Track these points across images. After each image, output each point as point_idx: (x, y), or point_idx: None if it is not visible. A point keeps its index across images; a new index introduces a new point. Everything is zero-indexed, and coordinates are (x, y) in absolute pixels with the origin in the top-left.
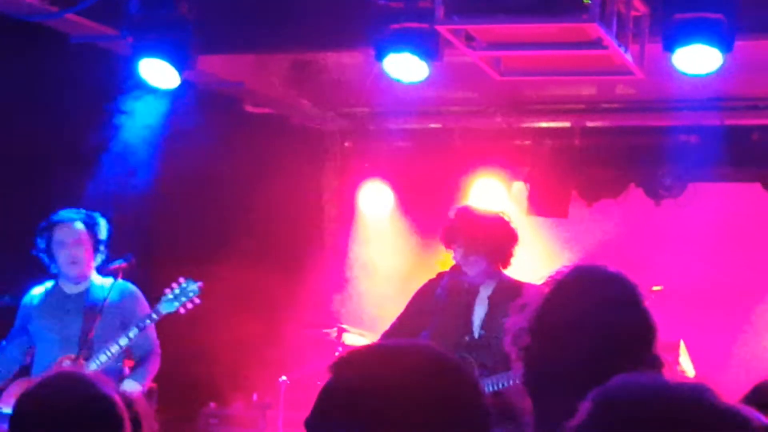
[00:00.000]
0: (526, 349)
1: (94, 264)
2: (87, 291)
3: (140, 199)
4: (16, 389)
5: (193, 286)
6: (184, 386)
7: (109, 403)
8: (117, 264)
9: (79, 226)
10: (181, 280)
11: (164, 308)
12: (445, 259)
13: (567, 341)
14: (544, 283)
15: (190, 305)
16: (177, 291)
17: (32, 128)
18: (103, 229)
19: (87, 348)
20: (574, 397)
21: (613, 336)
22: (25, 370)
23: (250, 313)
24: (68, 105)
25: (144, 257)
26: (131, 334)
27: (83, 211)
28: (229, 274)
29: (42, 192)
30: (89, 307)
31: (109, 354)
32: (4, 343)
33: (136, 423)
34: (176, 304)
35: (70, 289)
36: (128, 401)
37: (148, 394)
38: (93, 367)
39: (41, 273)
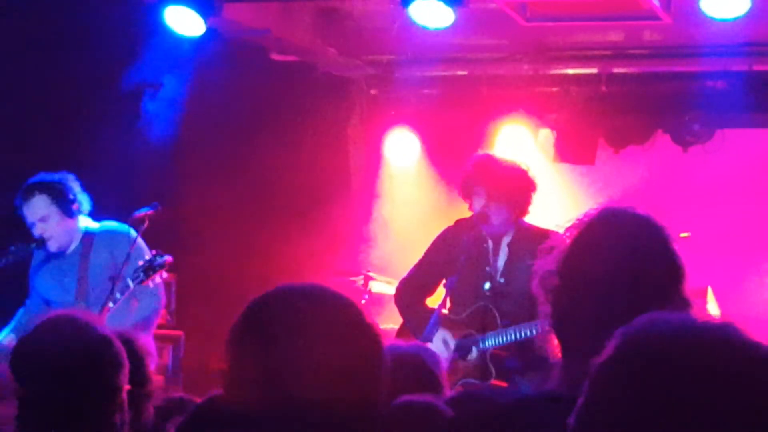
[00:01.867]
0: (553, 292)
1: (75, 222)
2: (78, 250)
3: (165, 148)
4: None
5: (161, 260)
6: (212, 337)
7: (106, 344)
8: (143, 212)
9: (39, 199)
10: (152, 252)
11: (132, 282)
12: None
13: (595, 283)
14: (571, 226)
15: (158, 278)
16: (145, 264)
17: (55, 76)
18: (69, 185)
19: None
20: (602, 339)
21: (641, 277)
22: None
23: (275, 262)
24: (93, 53)
25: (169, 206)
26: (110, 304)
27: (43, 177)
28: (256, 224)
29: (68, 137)
30: (81, 268)
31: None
32: (27, 302)
33: (137, 362)
34: (142, 276)
35: (55, 248)
36: (127, 341)
37: (175, 341)
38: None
39: None
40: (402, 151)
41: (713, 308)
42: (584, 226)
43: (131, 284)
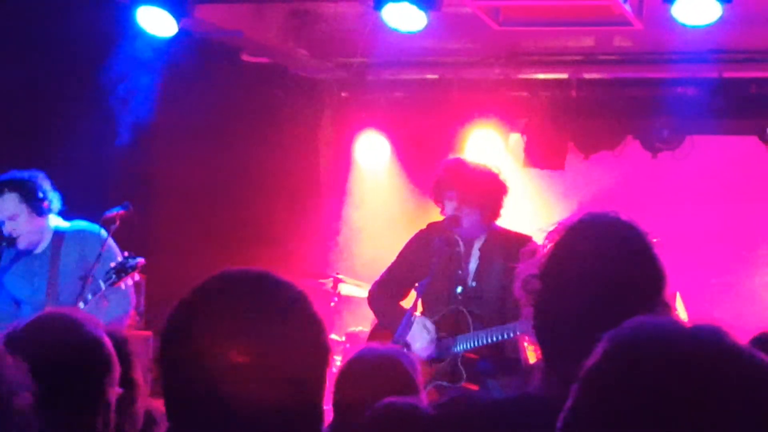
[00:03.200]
0: (535, 295)
1: (45, 221)
2: (48, 249)
3: (136, 148)
4: None
5: (133, 262)
6: None
7: (97, 344)
8: (114, 212)
9: (9, 198)
10: (125, 253)
11: (103, 283)
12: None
13: (578, 287)
14: (554, 230)
15: (130, 281)
16: (118, 266)
17: (29, 75)
18: (39, 183)
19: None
20: (585, 342)
21: (623, 282)
22: None
23: (245, 264)
24: (65, 53)
25: (140, 205)
26: (81, 304)
27: (13, 175)
28: (224, 223)
29: (39, 136)
30: (52, 267)
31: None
32: None
33: (127, 363)
34: (114, 278)
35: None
36: (119, 341)
37: (144, 342)
38: None
39: None
40: (372, 153)
41: (682, 313)
42: (567, 231)
43: (102, 285)
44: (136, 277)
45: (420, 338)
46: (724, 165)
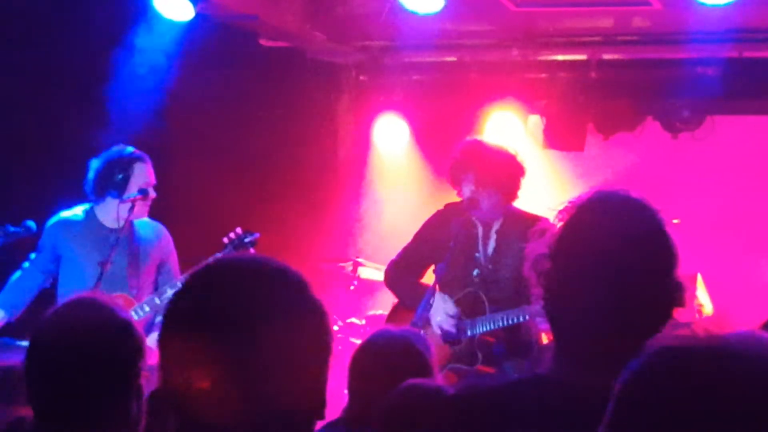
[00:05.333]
0: (545, 275)
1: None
2: (128, 227)
3: (152, 133)
4: None
5: (251, 238)
6: None
7: (130, 328)
8: (132, 197)
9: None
10: (239, 230)
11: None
12: None
13: (588, 266)
14: (564, 209)
15: None
16: (236, 241)
17: (45, 61)
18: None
19: (137, 290)
20: (594, 322)
21: (634, 261)
22: (46, 295)
23: (264, 249)
24: (81, 38)
25: (158, 191)
26: (157, 300)
27: None
28: (244, 210)
29: (55, 122)
30: (135, 245)
31: (157, 302)
32: (26, 265)
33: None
34: (233, 252)
35: (108, 221)
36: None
37: None
38: (136, 318)
39: (61, 200)
40: (391, 137)
41: (702, 295)
42: (576, 210)
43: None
44: (252, 252)
45: (440, 312)
46: (744, 145)
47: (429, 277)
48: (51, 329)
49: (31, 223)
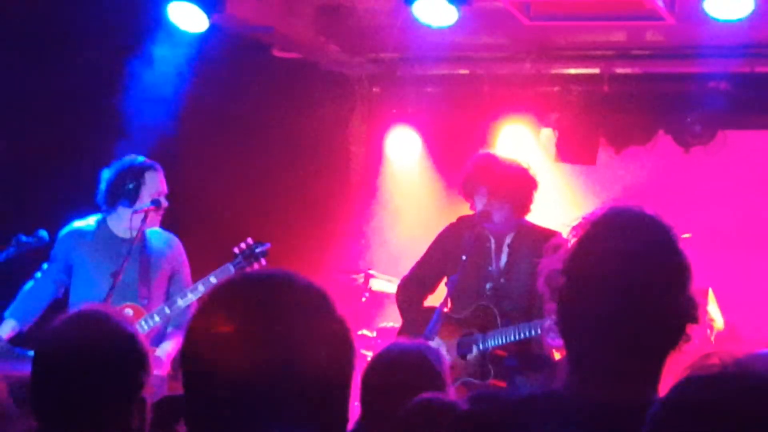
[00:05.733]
0: (559, 290)
1: None
2: (140, 237)
3: (167, 144)
4: None
5: (261, 248)
6: None
7: (132, 340)
8: (145, 207)
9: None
10: (250, 240)
11: (234, 268)
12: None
13: (601, 282)
14: (578, 224)
15: (256, 266)
16: (246, 252)
17: (59, 72)
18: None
19: (147, 299)
20: (608, 338)
21: (648, 277)
22: (58, 305)
23: (276, 260)
24: (95, 49)
25: (169, 201)
26: (192, 296)
27: None
28: (256, 220)
29: (68, 132)
30: (146, 255)
31: (168, 312)
32: (39, 275)
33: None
34: (243, 263)
35: (120, 231)
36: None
37: None
38: (146, 328)
39: (74, 210)
40: (403, 149)
41: (714, 310)
42: (591, 225)
43: (201, 290)
44: (263, 263)
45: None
46: (756, 160)
47: (441, 290)
48: (54, 341)
49: (44, 233)
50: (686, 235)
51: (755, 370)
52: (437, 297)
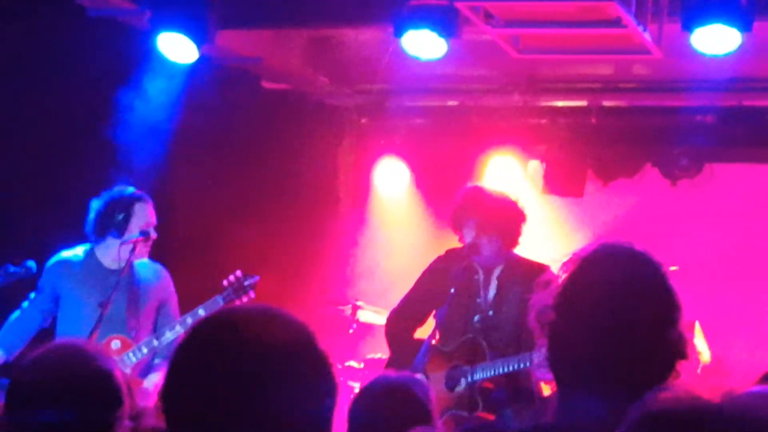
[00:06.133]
0: (550, 326)
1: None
2: (129, 268)
3: (156, 174)
4: None
5: (250, 281)
6: None
7: (108, 377)
8: (134, 238)
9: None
10: (239, 273)
11: (223, 301)
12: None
13: (592, 319)
14: (568, 260)
15: (245, 299)
16: (236, 284)
17: (48, 103)
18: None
19: (135, 331)
20: (598, 374)
21: (638, 315)
22: (45, 334)
23: (263, 290)
24: (84, 79)
25: (158, 232)
26: (180, 328)
27: None
28: (243, 251)
29: (57, 162)
30: (135, 286)
31: (155, 344)
32: (26, 305)
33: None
34: (232, 296)
35: (108, 262)
36: (128, 382)
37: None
38: (134, 360)
39: (62, 240)
40: (391, 180)
41: (700, 343)
42: (581, 261)
43: (189, 322)
44: (252, 295)
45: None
46: (743, 193)
47: (430, 324)
48: (29, 372)
49: (32, 263)
50: (673, 268)
51: (708, 404)
52: (427, 329)
